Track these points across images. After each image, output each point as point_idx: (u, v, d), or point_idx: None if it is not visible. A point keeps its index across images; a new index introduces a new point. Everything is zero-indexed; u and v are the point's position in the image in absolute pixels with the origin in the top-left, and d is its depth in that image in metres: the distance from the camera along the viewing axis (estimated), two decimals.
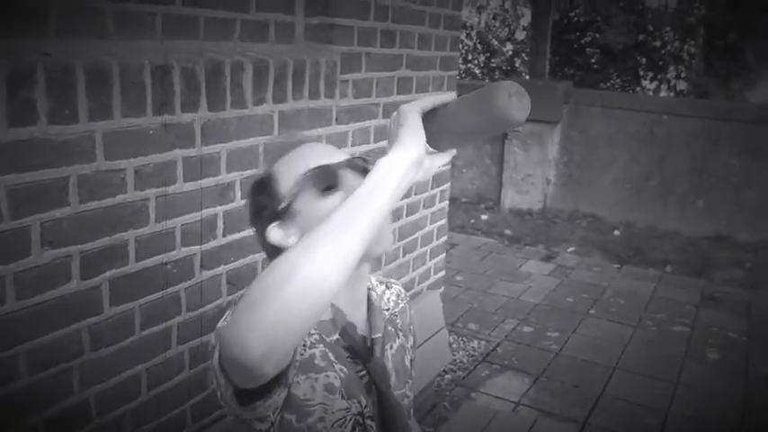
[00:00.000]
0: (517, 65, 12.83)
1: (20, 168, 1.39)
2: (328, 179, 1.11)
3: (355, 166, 1.14)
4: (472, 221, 6.76)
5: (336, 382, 1.10)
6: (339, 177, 1.11)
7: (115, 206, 1.60)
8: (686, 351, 4.11)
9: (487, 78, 12.57)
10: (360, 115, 2.50)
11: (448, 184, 3.36)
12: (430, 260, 3.32)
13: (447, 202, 3.38)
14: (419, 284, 3.25)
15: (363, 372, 1.16)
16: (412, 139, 0.94)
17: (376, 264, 2.81)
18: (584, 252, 5.98)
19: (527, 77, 9.04)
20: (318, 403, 1.08)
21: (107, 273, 1.60)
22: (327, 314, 1.15)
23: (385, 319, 1.27)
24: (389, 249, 1.33)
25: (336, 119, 2.37)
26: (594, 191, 6.77)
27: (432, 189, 3.18)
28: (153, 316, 1.75)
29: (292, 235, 1.13)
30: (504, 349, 4.05)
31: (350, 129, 2.47)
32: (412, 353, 1.37)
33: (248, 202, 1.23)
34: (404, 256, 3.05)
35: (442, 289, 3.57)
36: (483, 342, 4.13)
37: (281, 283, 0.82)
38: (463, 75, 12.38)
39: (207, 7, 1.91)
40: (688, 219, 6.34)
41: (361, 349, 1.16)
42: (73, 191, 1.50)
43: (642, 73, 11.10)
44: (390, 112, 2.70)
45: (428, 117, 0.98)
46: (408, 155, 0.94)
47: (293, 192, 1.12)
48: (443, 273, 3.54)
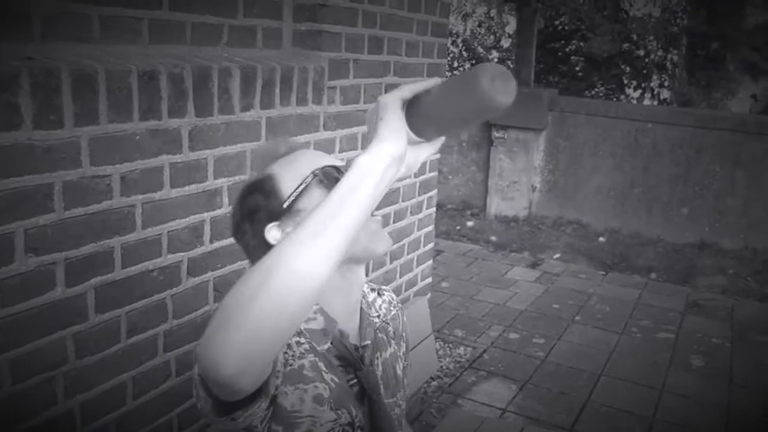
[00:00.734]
0: None
1: (3, 174, 1.37)
2: (335, 174, 1.12)
3: None
4: (458, 228, 6.77)
5: (326, 393, 1.09)
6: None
7: (101, 213, 1.58)
8: (671, 358, 4.14)
9: None
10: (347, 122, 2.50)
11: (435, 191, 3.36)
12: (417, 267, 3.32)
13: (434, 209, 3.38)
14: (406, 291, 3.25)
15: (354, 381, 1.15)
16: (391, 134, 0.89)
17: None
18: (569, 259, 6.01)
19: None
20: (307, 415, 1.06)
21: (92, 280, 1.58)
22: (319, 323, 1.13)
23: (375, 327, 1.26)
24: (389, 249, 1.30)
25: (324, 125, 2.37)
26: (579, 198, 6.81)
27: (419, 196, 3.18)
28: (139, 323, 1.72)
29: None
30: (490, 356, 4.05)
31: (337, 135, 2.46)
32: (405, 360, 1.36)
33: (237, 206, 1.20)
34: (391, 263, 3.04)
35: (429, 295, 3.57)
36: (469, 348, 4.13)
37: (257, 291, 0.79)
38: None
39: (194, 12, 1.90)
40: (672, 226, 6.39)
41: (352, 358, 1.15)
42: (58, 197, 1.48)
43: (626, 81, 11.19)
44: None
45: (410, 105, 0.92)
46: (388, 151, 0.88)
47: (299, 190, 1.12)
48: (430, 279, 3.54)
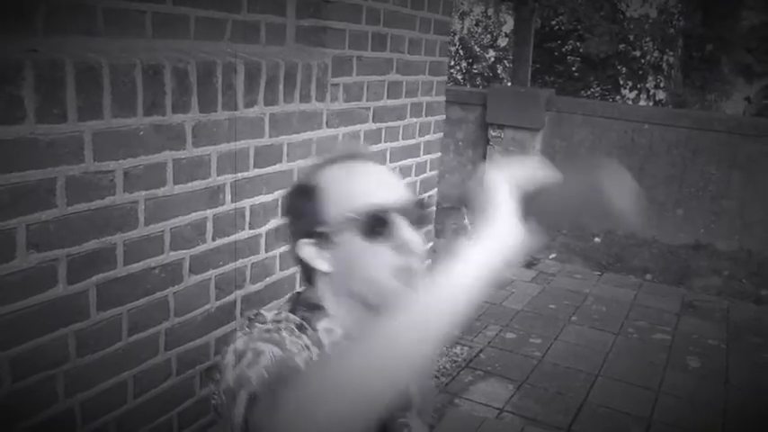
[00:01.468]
0: (499, 71, 12.90)
1: (5, 168, 1.35)
2: (377, 226, 1.04)
3: (409, 214, 1.06)
4: (454, 226, 6.76)
5: None
6: (389, 226, 1.04)
7: (104, 209, 1.56)
8: (667, 359, 4.14)
9: (468, 84, 12.61)
10: (350, 119, 2.48)
11: (435, 190, 3.35)
12: None
13: (434, 209, 3.36)
14: None
15: None
16: (515, 231, 0.82)
17: None
18: (565, 259, 6.01)
19: (509, 84, 9.08)
20: None
21: (94, 277, 1.56)
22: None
23: None
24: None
25: (327, 122, 2.35)
26: None
27: (419, 195, 3.17)
28: (140, 321, 1.70)
29: (325, 260, 1.07)
30: (487, 355, 4.04)
31: (339, 132, 2.44)
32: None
33: (287, 199, 1.14)
34: None
35: None
36: (466, 348, 4.11)
37: (365, 372, 0.76)
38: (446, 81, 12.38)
39: (198, 6, 1.88)
40: (667, 227, 6.39)
41: None
42: (60, 192, 1.46)
43: (622, 82, 11.21)
44: (380, 116, 2.70)
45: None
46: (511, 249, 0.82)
47: (337, 227, 1.05)
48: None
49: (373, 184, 1.07)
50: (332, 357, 0.86)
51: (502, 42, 13.00)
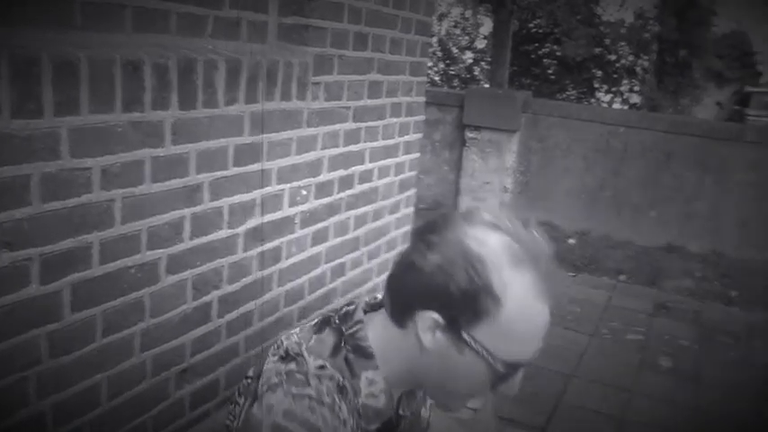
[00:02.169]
0: (476, 73, 12.95)
1: None
2: (511, 371, 1.00)
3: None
4: None
5: None
6: (516, 373, 1.02)
7: (79, 206, 1.52)
8: (641, 359, 4.18)
9: (446, 85, 12.64)
10: (330, 119, 2.46)
11: (414, 190, 3.34)
12: None
13: (412, 209, 3.36)
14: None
15: None
16: None
17: (340, 270, 2.77)
18: None
19: (486, 86, 9.12)
20: None
21: (69, 277, 1.52)
22: (379, 401, 1.04)
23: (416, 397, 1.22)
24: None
25: (307, 122, 2.33)
26: (550, 199, 6.86)
27: (397, 195, 3.16)
28: (115, 322, 1.67)
29: (433, 339, 0.98)
30: None
31: (319, 132, 2.42)
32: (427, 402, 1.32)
33: (460, 264, 0.95)
34: (368, 262, 3.01)
35: None
36: None
37: None
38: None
39: (178, 1, 1.84)
40: (641, 229, 6.47)
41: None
42: (35, 190, 1.42)
43: (597, 85, 11.33)
44: (360, 116, 2.68)
45: None
46: None
47: (481, 349, 0.97)
48: None
49: (543, 330, 1.01)
50: None
51: (480, 44, 13.07)
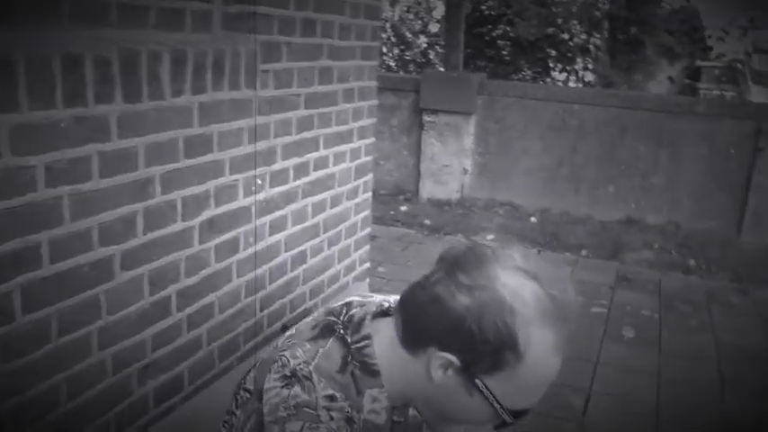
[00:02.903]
0: (431, 57, 12.98)
1: None
2: (519, 416, 1.05)
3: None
4: (392, 213, 6.78)
5: None
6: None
7: (25, 206, 1.49)
8: (604, 331, 4.27)
9: (401, 71, 12.64)
10: (281, 106, 2.44)
11: (371, 176, 3.34)
12: (354, 252, 3.30)
13: (370, 194, 3.36)
14: (344, 277, 3.23)
15: None
16: None
17: (301, 258, 2.77)
18: (502, 239, 6.11)
19: (441, 69, 9.15)
20: None
21: (19, 278, 1.49)
22: (381, 418, 1.07)
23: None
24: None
25: (258, 110, 2.31)
26: (510, 179, 6.93)
27: (354, 180, 3.16)
28: (71, 322, 1.64)
29: (447, 378, 1.00)
30: None
31: (271, 120, 2.41)
32: None
33: (486, 319, 0.96)
34: (329, 249, 3.01)
35: (368, 281, 3.56)
36: None
37: None
38: (379, 67, 12.40)
39: None
40: (600, 204, 6.58)
41: None
42: None
43: (552, 65, 11.45)
44: (312, 102, 2.67)
45: None
46: None
47: (491, 395, 1.00)
48: (368, 264, 3.53)
49: (552, 381, 1.04)
50: None
51: (433, 28, 13.08)
